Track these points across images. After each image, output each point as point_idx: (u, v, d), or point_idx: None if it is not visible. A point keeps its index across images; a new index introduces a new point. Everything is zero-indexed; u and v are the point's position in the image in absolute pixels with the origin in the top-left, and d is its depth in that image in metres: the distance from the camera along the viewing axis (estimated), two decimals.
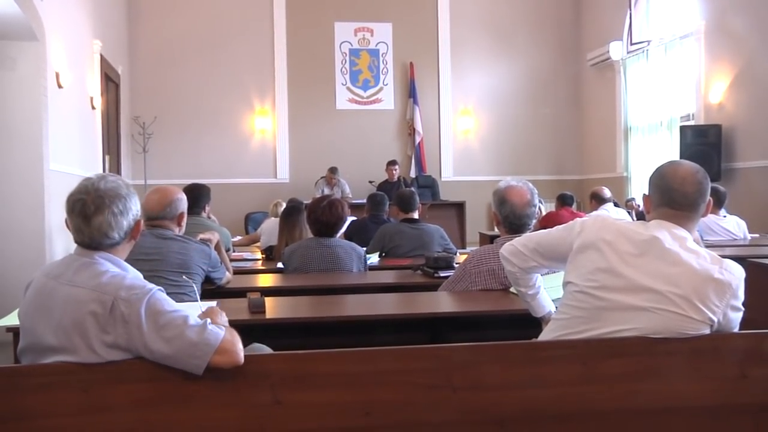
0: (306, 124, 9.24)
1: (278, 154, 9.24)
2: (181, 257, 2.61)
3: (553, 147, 9.75)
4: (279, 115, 9.19)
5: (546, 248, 1.88)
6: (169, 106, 8.91)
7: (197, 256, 2.67)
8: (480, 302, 2.50)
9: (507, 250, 1.99)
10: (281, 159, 9.24)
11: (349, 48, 9.37)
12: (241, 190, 9.01)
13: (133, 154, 8.80)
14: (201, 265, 2.68)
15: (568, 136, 9.79)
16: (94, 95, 6.93)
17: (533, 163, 9.58)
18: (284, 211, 4.34)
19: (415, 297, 2.76)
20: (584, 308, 1.70)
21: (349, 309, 2.59)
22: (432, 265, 3.24)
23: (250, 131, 9.21)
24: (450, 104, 9.55)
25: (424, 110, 9.40)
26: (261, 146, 9.23)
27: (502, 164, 9.46)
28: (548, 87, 9.66)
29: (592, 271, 1.69)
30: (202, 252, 2.69)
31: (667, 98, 7.72)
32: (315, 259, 3.36)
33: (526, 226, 2.57)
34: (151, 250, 2.54)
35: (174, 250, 2.61)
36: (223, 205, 7.66)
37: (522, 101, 9.60)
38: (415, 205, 4.37)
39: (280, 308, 2.51)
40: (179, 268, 2.58)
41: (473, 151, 9.62)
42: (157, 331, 1.42)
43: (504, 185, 2.60)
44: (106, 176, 1.58)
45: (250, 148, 9.21)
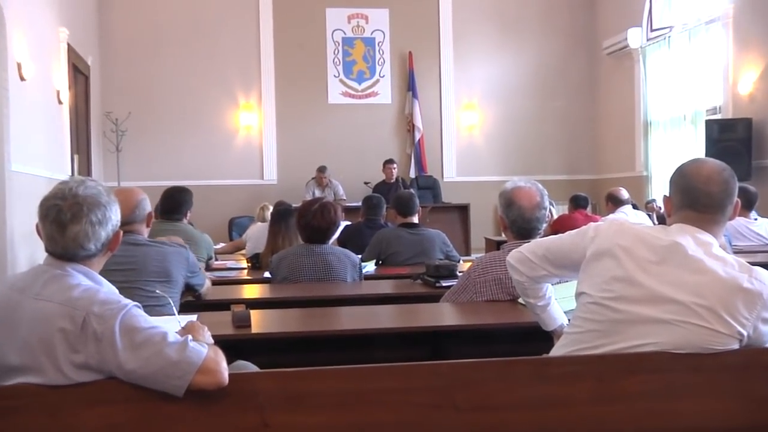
0: (295, 120, 9.25)
1: (265, 152, 9.24)
2: (160, 265, 2.62)
3: (565, 144, 9.77)
4: (266, 110, 9.20)
5: (557, 255, 1.89)
6: (145, 100, 8.90)
7: (176, 262, 2.67)
8: (485, 314, 2.50)
9: (514, 257, 2.00)
10: (268, 158, 9.24)
11: (342, 36, 9.38)
12: (225, 193, 9.01)
13: (105, 153, 8.79)
14: (181, 272, 2.68)
15: (582, 132, 9.81)
16: (60, 89, 6.93)
17: (543, 162, 9.60)
18: (272, 215, 4.34)
19: (415, 309, 2.77)
20: (599, 321, 1.70)
21: (342, 322, 2.59)
22: (433, 274, 3.24)
23: (234, 128, 9.21)
24: (452, 98, 9.57)
25: (424, 104, 9.42)
26: (246, 144, 9.24)
27: (509, 163, 9.48)
28: (560, 78, 9.68)
29: (608, 280, 1.70)
30: (179, 256, 2.70)
31: (691, 90, 7.74)
32: (305, 267, 3.37)
33: (535, 231, 2.58)
34: (125, 259, 2.54)
35: (151, 257, 2.61)
36: (204, 209, 7.66)
37: (531, 94, 9.62)
38: (414, 208, 4.38)
39: (268, 322, 2.51)
40: (159, 277, 2.58)
41: (478, 149, 9.64)
42: (133, 349, 1.42)
43: (511, 186, 2.60)
44: (85, 181, 1.58)
45: (234, 146, 9.22)
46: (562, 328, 2.05)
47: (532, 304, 2.08)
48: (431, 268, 3.28)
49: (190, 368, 1.42)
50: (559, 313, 2.11)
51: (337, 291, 3.26)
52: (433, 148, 9.52)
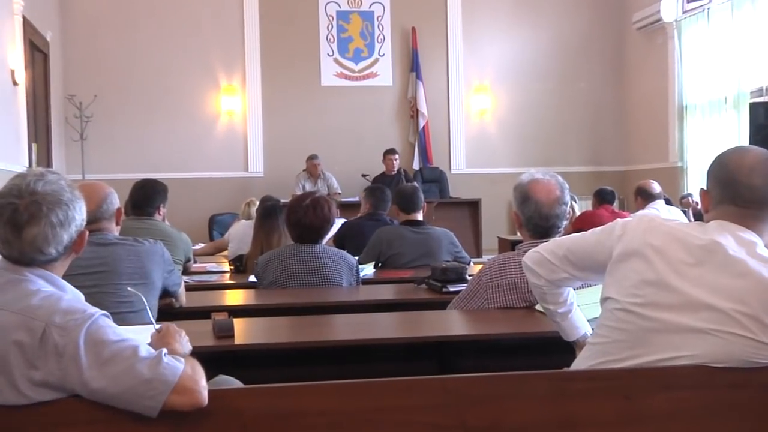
0: (284, 105, 9.25)
1: (250, 141, 9.24)
2: (135, 265, 2.62)
3: (589, 131, 9.77)
4: (250, 93, 9.20)
5: (579, 256, 1.89)
6: (113, 82, 8.90)
7: (153, 261, 2.68)
8: (498, 323, 2.51)
9: (531, 258, 2.00)
10: (254, 148, 9.25)
11: (337, 10, 9.38)
12: (204, 187, 9.02)
13: (68, 141, 8.80)
14: (158, 272, 2.69)
15: (608, 118, 9.82)
16: (15, 68, 6.92)
17: (564, 152, 9.61)
18: (258, 211, 4.35)
19: (419, 317, 2.77)
20: (627, 330, 1.71)
21: (337, 332, 2.59)
22: (439, 278, 3.25)
23: (214, 113, 9.21)
24: (461, 80, 9.57)
25: (429, 87, 9.42)
26: (228, 132, 9.24)
27: (525, 153, 9.48)
28: (583, 57, 9.68)
29: (637, 284, 1.70)
30: (154, 254, 2.70)
31: (733, 69, 7.73)
32: (295, 270, 3.37)
33: (554, 229, 2.58)
34: (92, 261, 2.54)
35: (123, 256, 2.61)
36: (181, 206, 7.66)
37: (550, 75, 9.62)
38: (418, 203, 4.38)
39: (253, 332, 2.51)
40: (134, 279, 2.59)
41: (490, 137, 9.64)
42: (100, 366, 1.41)
43: (527, 179, 2.61)
44: (45, 174, 1.56)
45: (214, 134, 9.22)
46: (586, 338, 2.05)
47: (551, 311, 2.08)
48: (437, 271, 3.29)
49: (164, 387, 1.42)
50: (582, 321, 2.11)
51: (332, 297, 3.27)
52: (439, 136, 9.53)
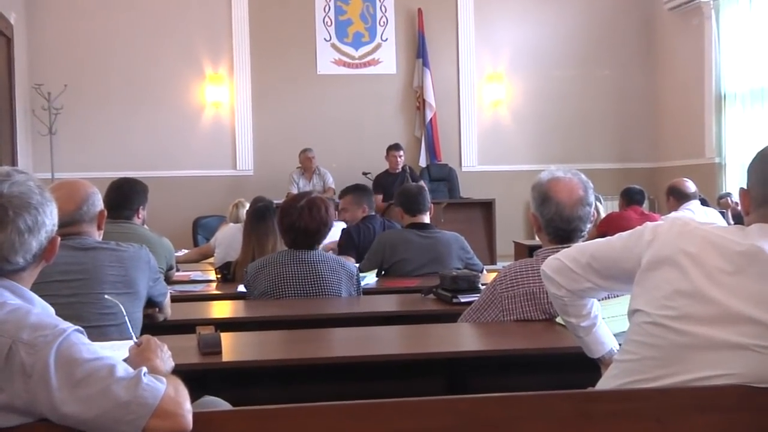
0: (276, 96, 9.26)
1: (238, 136, 9.25)
2: (119, 273, 2.63)
3: (615, 123, 9.77)
4: (239, 83, 9.21)
5: (605, 263, 1.89)
6: (85, 70, 8.91)
7: (138, 268, 2.68)
8: (515, 337, 2.51)
9: (551, 266, 2.00)
10: (242, 143, 9.26)
11: None
12: (188, 187, 9.03)
13: (35, 136, 8.82)
14: (144, 281, 2.70)
15: (637, 109, 9.81)
16: None
17: (588, 147, 9.60)
18: (248, 214, 4.35)
19: (427, 330, 2.77)
20: (659, 346, 1.71)
21: (336, 348, 2.60)
22: (449, 287, 3.25)
23: (199, 105, 9.23)
24: (473, 66, 9.57)
25: (437, 75, 9.42)
26: (215, 126, 9.25)
27: (544, 148, 9.48)
28: (608, 40, 9.68)
29: (670, 294, 1.70)
30: (139, 260, 2.71)
31: None
32: (289, 279, 3.38)
33: (577, 233, 2.58)
34: (70, 267, 2.55)
35: (105, 263, 2.62)
36: (162, 207, 7.67)
37: (572, 61, 9.62)
38: (425, 204, 4.38)
39: (243, 348, 2.51)
40: (119, 288, 2.59)
41: (505, 131, 9.64)
42: (72, 387, 1.41)
43: (547, 177, 2.61)
44: (12, 174, 1.56)
45: (199, 128, 9.23)
46: (612, 354, 2.05)
47: (573, 324, 2.08)
48: (447, 280, 3.29)
49: (143, 410, 1.42)
50: (608, 336, 2.11)
51: (330, 308, 3.27)
52: (448, 129, 9.53)
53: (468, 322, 2.74)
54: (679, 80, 9.33)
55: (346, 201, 5.01)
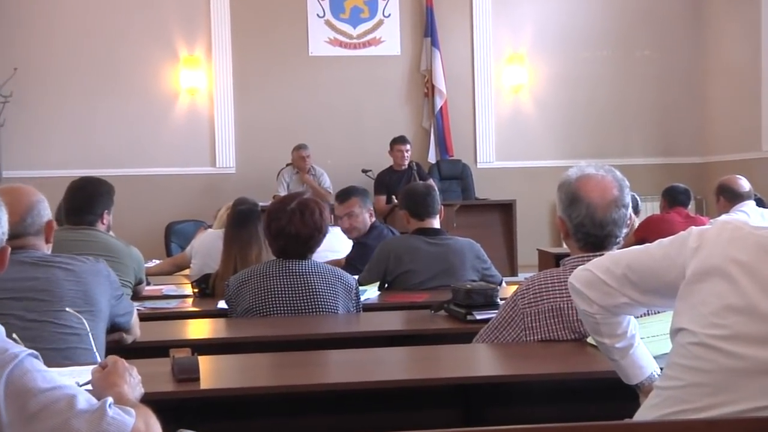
0: (261, 81, 9.25)
1: (218, 127, 9.25)
2: (77, 288, 2.63)
3: (656, 112, 9.75)
4: (218, 66, 9.21)
5: (643, 275, 1.89)
6: (39, 52, 8.89)
7: (98, 283, 2.69)
8: (539, 360, 2.51)
9: (580, 278, 2.00)
10: (223, 136, 9.25)
11: None
12: (160, 187, 9.02)
13: None
14: (105, 298, 2.70)
15: (681, 95, 9.79)
16: None
17: (624, 139, 9.59)
18: (230, 218, 4.35)
19: (437, 353, 2.77)
20: (707, 371, 1.70)
21: (332, 373, 2.60)
22: (463, 302, 3.25)
23: (172, 93, 9.22)
24: (491, 46, 9.56)
25: (448, 57, 9.41)
26: (190, 116, 9.25)
27: (573, 141, 9.47)
28: (648, 17, 9.67)
29: (719, 311, 1.70)
30: (98, 274, 2.71)
31: None
32: (278, 293, 3.38)
33: (611, 240, 2.58)
34: (23, 284, 2.56)
35: (61, 278, 2.62)
36: (130, 211, 7.67)
37: (605, 40, 9.61)
38: (434, 207, 4.38)
39: (223, 373, 2.52)
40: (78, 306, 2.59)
41: (527, 121, 9.64)
42: (26, 422, 1.41)
43: (576, 175, 2.61)
44: None
45: (172, 118, 9.23)
46: (652, 380, 2.05)
47: (607, 346, 2.08)
48: (460, 294, 3.29)
49: None
50: (647, 359, 2.11)
51: (325, 327, 3.27)
52: (461, 119, 9.52)
53: (485, 342, 2.73)
54: (731, 62, 9.31)
55: (350, 205, 4.88)
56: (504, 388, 2.44)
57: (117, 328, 2.85)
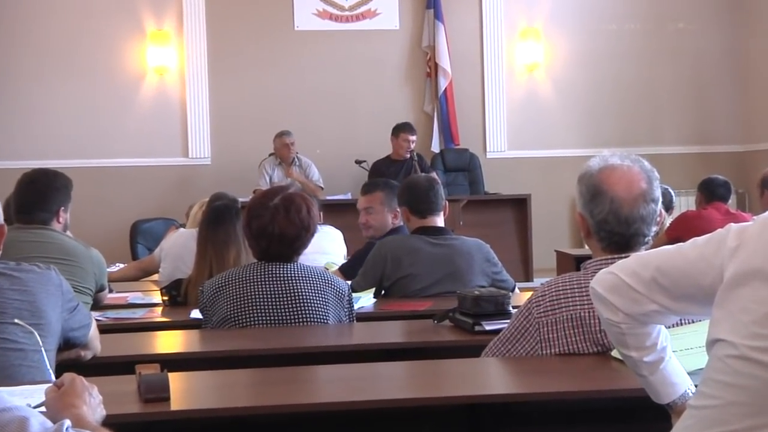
0: (240, 60, 9.26)
1: (190, 113, 9.24)
2: (23, 298, 2.62)
3: (691, 94, 9.76)
4: (190, 42, 9.21)
5: (675, 279, 1.89)
6: None
7: (46, 293, 2.68)
8: (557, 376, 2.51)
9: (604, 283, 2.00)
10: (196, 122, 9.24)
11: None
12: (125, 180, 9.03)
13: None
14: (55, 309, 2.69)
15: (720, 75, 9.80)
16: None
17: (654, 125, 9.61)
18: (205, 215, 4.35)
19: (441, 368, 2.78)
20: (748, 388, 1.70)
21: (322, 391, 2.60)
22: (470, 311, 3.25)
23: (137, 73, 9.22)
24: (501, 20, 9.57)
25: (454, 31, 9.42)
26: (159, 99, 9.24)
27: (595, 127, 9.48)
28: None
29: (762, 319, 1.70)
30: (48, 283, 2.70)
31: None
32: (259, 301, 3.37)
33: (638, 239, 2.59)
34: None
35: (5, 287, 2.61)
36: (90, 208, 7.68)
37: (633, 12, 9.62)
38: (438, 203, 4.38)
39: (197, 392, 2.52)
40: (24, 318, 2.58)
41: (544, 105, 9.65)
42: None
43: (599, 165, 2.61)
44: None
45: (138, 102, 9.22)
46: (686, 398, 2.05)
47: (634, 359, 2.08)
48: (467, 302, 3.29)
49: None
50: (680, 374, 2.11)
51: (313, 339, 3.28)
52: (469, 103, 9.54)
53: (495, 356, 2.73)
54: None
55: (372, 199, 4.80)
56: (517, 408, 2.44)
57: (72, 344, 2.83)
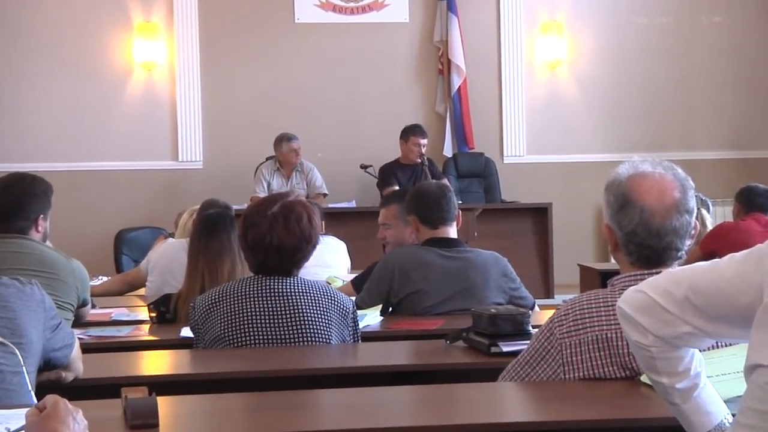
0: (235, 55, 9.28)
1: (181, 113, 9.25)
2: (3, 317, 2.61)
3: (729, 95, 9.74)
4: (181, 35, 9.22)
5: (710, 298, 1.89)
6: None
7: (27, 310, 2.69)
8: (581, 403, 2.51)
9: (633, 302, 2.00)
10: (187, 123, 9.26)
11: None
12: (109, 186, 9.04)
13: None
14: (37, 327, 2.70)
15: (759, 75, 9.78)
16: None
17: (686, 129, 9.60)
18: (196, 224, 4.36)
19: (454, 393, 2.78)
20: None
21: (324, 418, 2.60)
22: (486, 330, 3.25)
23: (123, 69, 9.23)
24: (521, 13, 9.58)
25: (468, 25, 9.43)
26: (146, 97, 9.26)
27: (623, 130, 9.48)
28: None
29: None
30: (29, 299, 2.71)
31: None
32: (256, 319, 3.38)
33: (671, 254, 2.58)
34: None
35: None
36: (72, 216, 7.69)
37: (664, 5, 9.63)
38: (451, 212, 4.39)
39: (188, 418, 2.52)
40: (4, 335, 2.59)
41: (566, 105, 9.65)
42: None
43: (627, 173, 2.61)
44: None
45: (124, 101, 9.24)
46: (722, 429, 2.05)
47: (665, 386, 2.08)
48: (482, 320, 3.29)
49: None
50: (716, 402, 2.11)
51: (315, 361, 3.28)
52: (484, 103, 9.55)
53: (513, 380, 2.73)
54: None
55: (386, 214, 4.74)
56: None
57: (53, 365, 2.83)
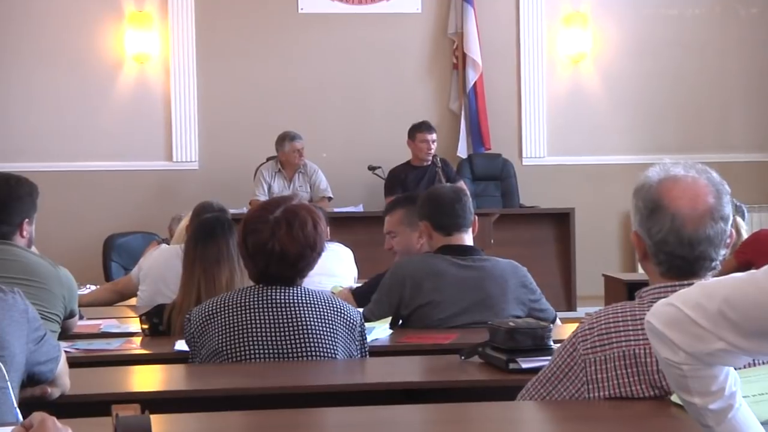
0: (233, 48, 9.29)
1: (175, 109, 9.27)
2: None
3: (765, 94, 9.70)
4: (176, 26, 9.24)
5: (747, 312, 1.89)
6: None
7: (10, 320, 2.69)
8: (607, 424, 2.51)
9: (663, 316, 2.00)
10: (182, 120, 9.27)
11: None
12: (99, 188, 9.06)
13: None
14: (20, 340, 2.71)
15: None
16: None
17: (720, 129, 9.59)
18: (192, 230, 4.37)
19: (469, 412, 2.78)
20: None
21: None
22: (504, 345, 3.25)
23: (114, 61, 9.25)
24: (541, 3, 9.58)
25: (485, 16, 9.44)
26: (139, 92, 9.27)
27: (652, 130, 9.47)
28: None
29: None
30: (12, 309, 2.71)
31: None
32: (256, 331, 3.39)
33: (704, 264, 2.59)
34: None
35: None
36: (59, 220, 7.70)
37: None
38: (466, 218, 4.39)
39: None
40: None
41: (590, 104, 9.64)
42: None
43: (658, 176, 2.61)
44: None
45: (115, 96, 9.25)
46: None
47: (697, 407, 2.08)
48: (500, 335, 3.29)
49: None
50: (752, 424, 2.11)
51: (320, 377, 3.28)
52: (502, 100, 9.55)
53: (533, 399, 2.73)
54: None
55: (390, 221, 4.76)
56: None
57: (37, 380, 2.84)
